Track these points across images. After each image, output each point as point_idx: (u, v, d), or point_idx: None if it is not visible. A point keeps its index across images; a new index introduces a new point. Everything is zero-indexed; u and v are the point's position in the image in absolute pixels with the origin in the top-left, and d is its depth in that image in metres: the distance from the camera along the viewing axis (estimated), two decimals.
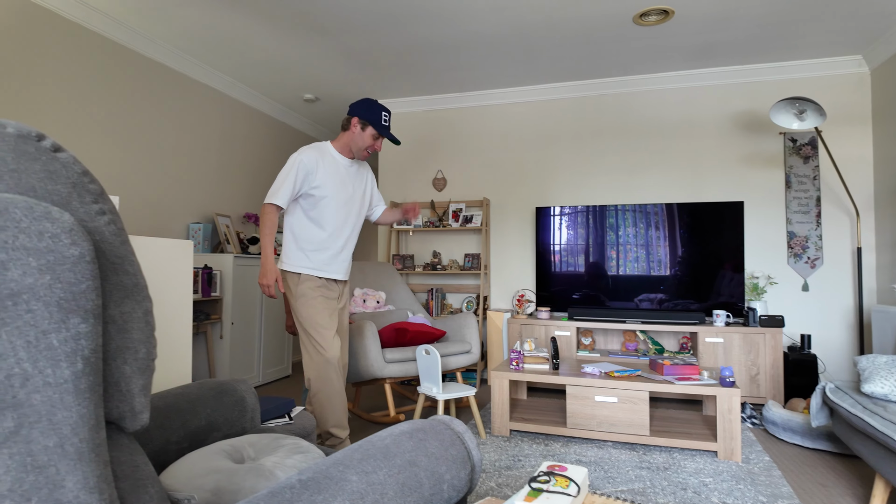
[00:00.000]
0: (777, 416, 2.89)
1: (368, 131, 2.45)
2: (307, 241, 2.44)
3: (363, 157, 2.54)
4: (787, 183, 3.92)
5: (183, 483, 1.03)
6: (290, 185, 2.34)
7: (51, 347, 0.56)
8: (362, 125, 2.45)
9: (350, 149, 2.50)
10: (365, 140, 2.46)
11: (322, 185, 2.40)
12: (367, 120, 2.44)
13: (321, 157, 2.42)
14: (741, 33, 3.48)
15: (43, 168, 0.61)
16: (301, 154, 2.38)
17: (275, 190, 2.35)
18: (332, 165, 2.45)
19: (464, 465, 1.02)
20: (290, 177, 2.35)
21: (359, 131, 2.45)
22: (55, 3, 3.04)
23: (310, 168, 2.38)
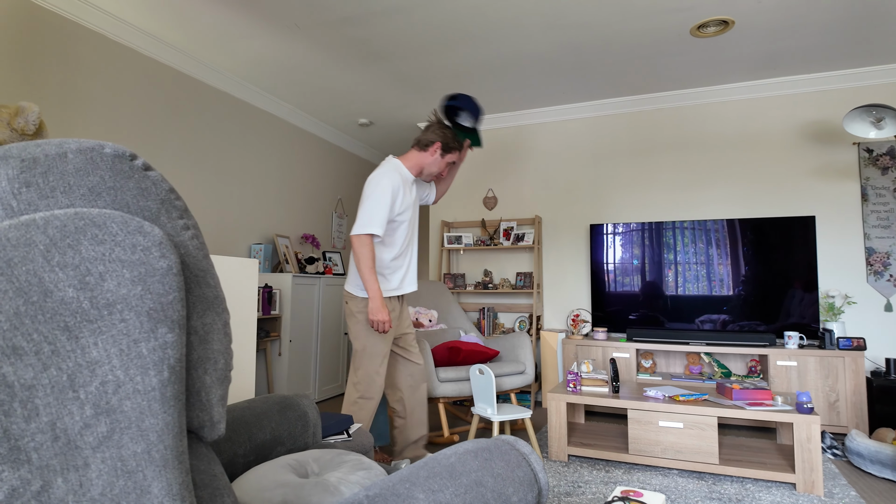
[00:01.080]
0: (863, 446, 2.66)
1: (447, 157, 2.46)
2: (385, 263, 2.42)
3: (428, 180, 2.54)
4: (864, 196, 3.68)
5: (251, 496, 1.05)
6: (384, 213, 2.30)
7: (140, 356, 0.58)
8: (442, 152, 2.44)
9: (421, 170, 2.48)
10: (440, 165, 2.46)
11: (403, 210, 2.40)
12: (447, 147, 2.43)
13: (402, 180, 2.40)
14: (807, 41, 3.33)
15: (136, 185, 0.65)
16: (389, 180, 2.33)
17: (368, 219, 2.28)
18: (407, 187, 2.43)
19: (531, 487, 0.98)
20: (385, 205, 2.30)
21: (437, 157, 2.44)
22: (135, 42, 3.28)
23: (396, 193, 2.35)
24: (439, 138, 2.42)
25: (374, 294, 2.26)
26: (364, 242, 2.26)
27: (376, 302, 2.26)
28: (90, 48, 3.06)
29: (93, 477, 0.56)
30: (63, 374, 0.55)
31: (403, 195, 2.39)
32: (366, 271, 2.25)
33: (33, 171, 0.59)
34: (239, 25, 3.21)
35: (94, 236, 0.56)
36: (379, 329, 2.29)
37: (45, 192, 0.59)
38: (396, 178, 2.36)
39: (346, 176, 5.55)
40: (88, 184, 0.61)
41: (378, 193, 2.30)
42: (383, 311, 2.28)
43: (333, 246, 5.25)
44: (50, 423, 0.54)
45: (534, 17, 3.10)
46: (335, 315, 4.59)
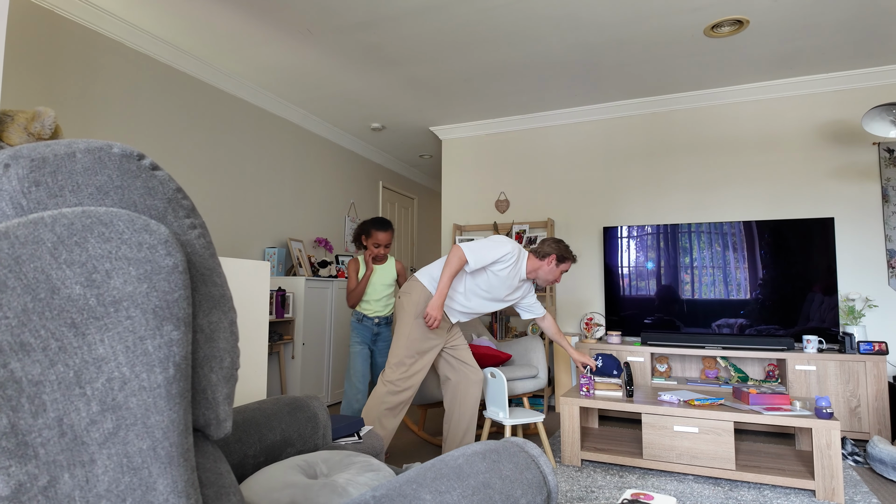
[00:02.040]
0: (885, 453, 2.60)
1: (560, 268, 2.71)
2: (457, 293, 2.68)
3: (542, 285, 2.78)
4: (885, 197, 3.60)
5: (260, 496, 1.05)
6: (488, 259, 2.54)
7: (146, 353, 0.58)
8: (557, 262, 2.70)
9: (536, 275, 2.73)
10: (554, 275, 2.71)
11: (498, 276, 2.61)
12: (562, 259, 2.70)
13: (515, 261, 2.62)
14: (825, 40, 3.28)
15: (143, 185, 0.65)
16: (512, 247, 2.59)
17: (476, 252, 2.54)
18: (514, 270, 2.65)
19: (540, 490, 0.97)
20: (494, 255, 2.54)
21: (553, 267, 2.70)
22: (152, 49, 3.33)
23: (507, 262, 2.58)
24: (554, 251, 2.69)
25: (441, 293, 2.50)
26: (459, 257, 2.52)
27: (439, 300, 2.50)
28: (108, 56, 3.12)
29: (99, 473, 0.56)
30: (70, 370, 0.55)
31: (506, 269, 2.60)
32: (445, 275, 2.51)
33: (42, 171, 0.60)
34: (253, 32, 3.25)
35: (101, 234, 0.57)
36: (428, 322, 2.48)
37: (53, 191, 0.60)
38: (517, 253, 2.62)
39: (358, 180, 5.58)
40: (96, 183, 0.62)
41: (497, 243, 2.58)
42: (440, 310, 2.50)
43: (346, 250, 5.28)
44: (57, 418, 0.55)
45: (546, 20, 3.09)
46: (347, 319, 4.61)
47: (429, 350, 2.60)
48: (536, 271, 2.72)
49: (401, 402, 2.55)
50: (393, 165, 6.24)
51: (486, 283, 2.64)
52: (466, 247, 2.56)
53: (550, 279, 2.72)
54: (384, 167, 6.10)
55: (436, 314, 2.48)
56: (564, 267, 2.74)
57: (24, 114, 1.21)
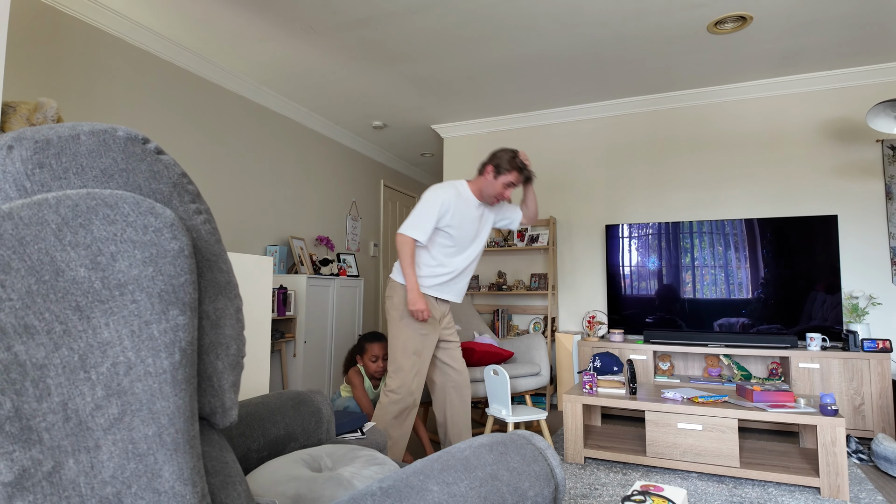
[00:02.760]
0: (890, 450, 2.59)
1: (501, 179, 2.47)
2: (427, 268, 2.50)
3: (492, 203, 2.56)
4: (888, 194, 3.59)
5: (265, 489, 1.04)
6: (431, 222, 2.39)
7: (152, 337, 0.57)
8: (495, 173, 2.47)
9: (481, 192, 2.54)
10: (496, 188, 2.48)
11: (453, 225, 2.45)
12: (500, 168, 2.46)
13: (457, 196, 2.47)
14: (829, 36, 3.27)
15: (148, 168, 0.64)
16: (443, 192, 2.43)
17: (414, 224, 2.40)
18: (464, 205, 2.49)
19: (547, 482, 0.96)
20: (433, 214, 2.39)
21: (491, 179, 2.48)
22: (154, 46, 3.32)
23: (448, 206, 2.42)
24: (491, 161, 2.48)
25: (411, 286, 2.36)
26: (405, 242, 2.39)
27: (413, 293, 2.35)
28: (110, 52, 3.12)
29: (104, 459, 0.55)
30: (75, 354, 0.54)
31: (455, 212, 2.44)
32: (405, 266, 2.37)
33: (46, 153, 0.59)
34: (254, 29, 3.24)
35: (106, 216, 0.56)
36: (418, 317, 2.36)
37: (57, 174, 0.59)
38: (450, 192, 2.45)
39: (360, 178, 5.57)
40: (101, 165, 0.61)
41: (427, 203, 2.41)
42: (420, 300, 2.35)
43: (348, 248, 5.27)
44: (61, 403, 0.54)
45: (549, 16, 3.08)
46: (349, 317, 4.60)
47: (424, 347, 2.49)
48: (480, 189, 2.53)
49: (404, 409, 2.45)
50: (394, 164, 6.23)
51: (449, 239, 2.48)
52: (405, 225, 2.42)
53: (493, 194, 2.49)
54: (386, 165, 6.09)
55: (420, 305, 2.35)
56: (507, 179, 2.46)
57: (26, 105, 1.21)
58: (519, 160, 2.48)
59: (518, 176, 2.48)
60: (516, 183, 2.49)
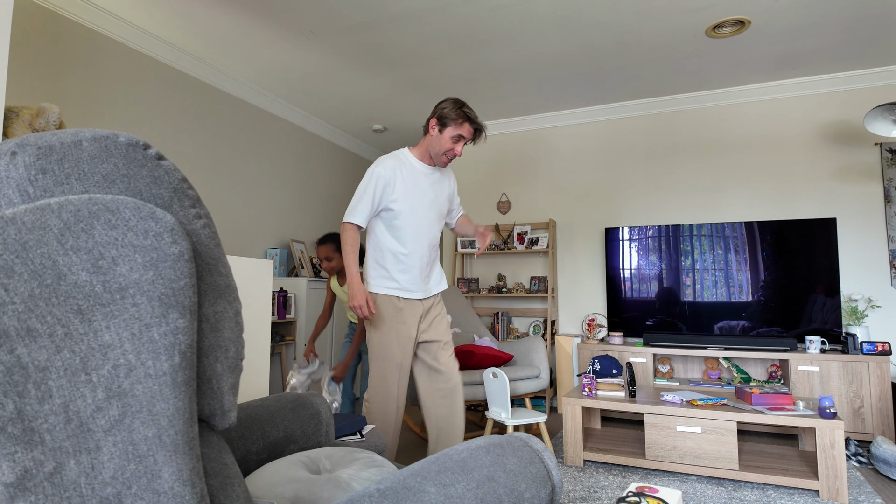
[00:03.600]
0: (889, 453, 2.59)
1: (447, 133, 2.13)
2: (389, 259, 2.20)
3: (443, 164, 2.22)
4: (887, 197, 3.60)
5: (264, 491, 1.05)
6: (368, 202, 2.13)
7: (152, 340, 0.58)
8: (440, 126, 2.14)
9: (428, 153, 2.22)
10: (443, 144, 2.15)
11: (400, 198, 2.16)
12: (445, 120, 2.12)
13: (399, 166, 2.17)
14: (827, 40, 3.28)
15: (149, 174, 0.66)
16: (377, 166, 2.15)
17: (352, 207, 2.15)
18: (409, 174, 2.19)
19: (544, 484, 0.97)
20: (368, 192, 2.13)
21: (436, 134, 2.15)
22: (155, 50, 3.34)
23: (388, 179, 2.14)
24: (433, 114, 2.16)
25: (351, 279, 2.10)
26: (345, 229, 2.15)
27: (352, 287, 2.08)
28: (112, 57, 3.13)
29: (104, 460, 0.56)
30: (76, 356, 0.55)
31: (403, 181, 2.16)
32: (345, 256, 2.12)
33: (49, 159, 0.60)
34: (255, 33, 3.26)
35: (108, 221, 0.57)
36: (358, 314, 2.08)
37: (60, 179, 0.60)
38: (389, 163, 2.16)
39: (359, 181, 5.59)
40: (102, 171, 0.62)
41: (363, 181, 2.16)
42: (359, 295, 2.07)
43: None
44: (63, 405, 0.54)
45: (548, 20, 3.10)
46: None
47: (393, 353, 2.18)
48: (427, 149, 2.21)
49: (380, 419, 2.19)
50: None
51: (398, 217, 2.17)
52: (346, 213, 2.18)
53: (441, 151, 2.16)
54: None
55: (357, 301, 2.06)
56: (454, 132, 2.12)
57: (28, 110, 1.22)
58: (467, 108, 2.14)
59: (468, 126, 2.15)
60: (466, 136, 2.15)
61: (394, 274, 2.20)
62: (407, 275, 2.21)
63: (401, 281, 2.21)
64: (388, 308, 2.20)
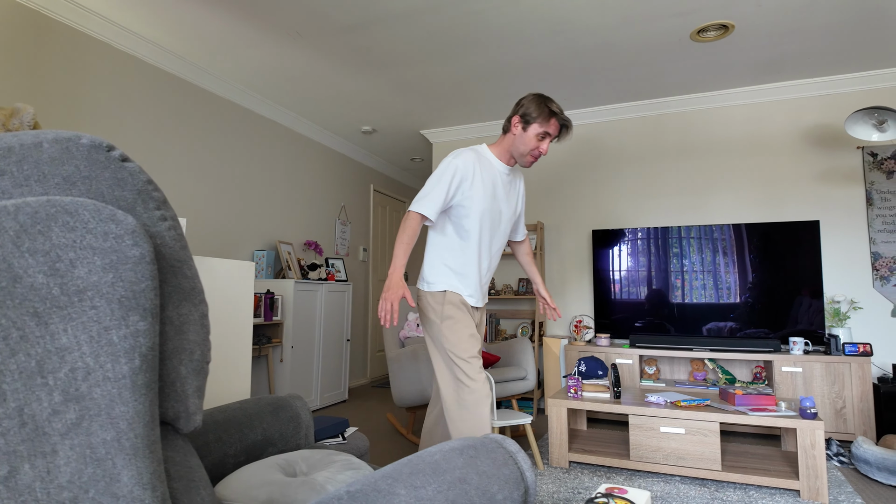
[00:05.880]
0: (870, 453, 2.62)
1: (531, 130, 1.96)
2: (454, 259, 2.02)
3: (528, 164, 2.05)
4: (869, 200, 3.64)
5: (238, 494, 1.05)
6: (441, 193, 1.92)
7: (111, 343, 0.58)
8: (524, 124, 1.97)
9: (510, 154, 2.04)
10: (528, 142, 1.98)
11: (476, 197, 1.98)
12: (528, 117, 1.96)
13: (478, 160, 2.00)
14: (810, 44, 3.32)
15: (112, 176, 0.65)
16: (457, 158, 1.96)
17: (423, 196, 1.92)
18: (488, 173, 2.02)
19: (517, 485, 0.97)
20: (444, 183, 1.92)
21: (520, 132, 1.98)
22: (140, 51, 3.32)
23: (466, 173, 1.96)
24: (516, 111, 1.99)
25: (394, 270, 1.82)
26: (409, 217, 1.91)
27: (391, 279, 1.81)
28: (96, 58, 3.11)
29: (61, 464, 0.55)
30: (32, 359, 0.55)
31: (475, 180, 1.97)
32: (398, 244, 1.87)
33: (7, 160, 0.60)
34: (241, 34, 3.24)
35: (66, 223, 0.57)
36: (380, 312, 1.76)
37: (19, 181, 0.60)
38: (469, 156, 1.98)
39: (349, 183, 5.58)
40: (63, 173, 0.62)
41: (439, 171, 1.95)
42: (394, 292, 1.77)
43: (336, 252, 5.27)
44: (17, 408, 0.54)
45: (536, 23, 3.11)
46: (338, 321, 4.59)
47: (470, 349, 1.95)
48: (508, 150, 2.04)
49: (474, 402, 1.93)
50: (384, 169, 6.24)
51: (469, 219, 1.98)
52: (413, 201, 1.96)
53: (525, 151, 1.99)
54: (375, 170, 6.10)
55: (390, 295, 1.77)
56: (539, 129, 1.95)
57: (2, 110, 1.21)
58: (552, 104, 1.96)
59: (555, 123, 1.97)
60: (552, 133, 1.98)
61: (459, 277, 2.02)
62: (468, 280, 2.03)
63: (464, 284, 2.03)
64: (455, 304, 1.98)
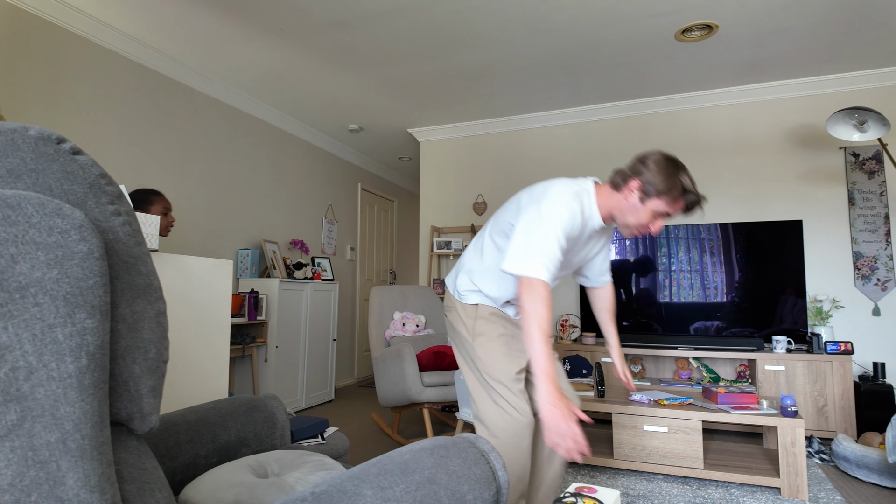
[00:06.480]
0: (849, 451, 2.64)
1: (651, 205, 1.55)
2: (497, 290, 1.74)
3: (627, 235, 1.68)
4: (851, 200, 3.68)
5: (205, 496, 1.03)
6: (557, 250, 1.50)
7: (56, 342, 0.56)
8: (642, 194, 1.56)
9: (611, 214, 1.65)
10: (640, 216, 1.58)
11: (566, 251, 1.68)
12: (651, 188, 1.54)
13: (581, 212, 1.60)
14: (793, 45, 3.34)
15: (61, 169, 0.63)
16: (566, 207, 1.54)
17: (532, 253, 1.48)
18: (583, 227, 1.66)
19: (488, 485, 0.96)
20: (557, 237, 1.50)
21: (635, 201, 1.57)
22: (121, 46, 3.27)
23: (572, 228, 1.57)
24: (638, 173, 1.56)
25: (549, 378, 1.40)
26: (534, 289, 1.45)
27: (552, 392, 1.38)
28: (76, 53, 3.06)
29: (1, 467, 0.54)
30: None
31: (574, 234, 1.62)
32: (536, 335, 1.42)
33: None
34: (225, 30, 3.21)
35: (7, 217, 0.55)
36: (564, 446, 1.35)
37: None
38: (576, 207, 1.57)
39: (336, 182, 5.54)
40: (7, 165, 0.60)
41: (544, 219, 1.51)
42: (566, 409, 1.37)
43: (323, 251, 5.23)
44: None
45: (519, 23, 3.11)
46: (324, 321, 4.56)
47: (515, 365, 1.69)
48: (609, 210, 1.63)
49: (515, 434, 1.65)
50: (372, 167, 6.21)
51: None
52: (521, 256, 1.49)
53: (634, 224, 1.59)
54: (363, 169, 6.07)
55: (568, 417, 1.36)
56: (661, 207, 1.54)
57: None
58: (684, 177, 1.55)
59: (682, 204, 1.57)
60: (673, 214, 1.59)
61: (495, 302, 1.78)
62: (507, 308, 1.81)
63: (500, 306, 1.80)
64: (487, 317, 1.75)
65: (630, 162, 1.61)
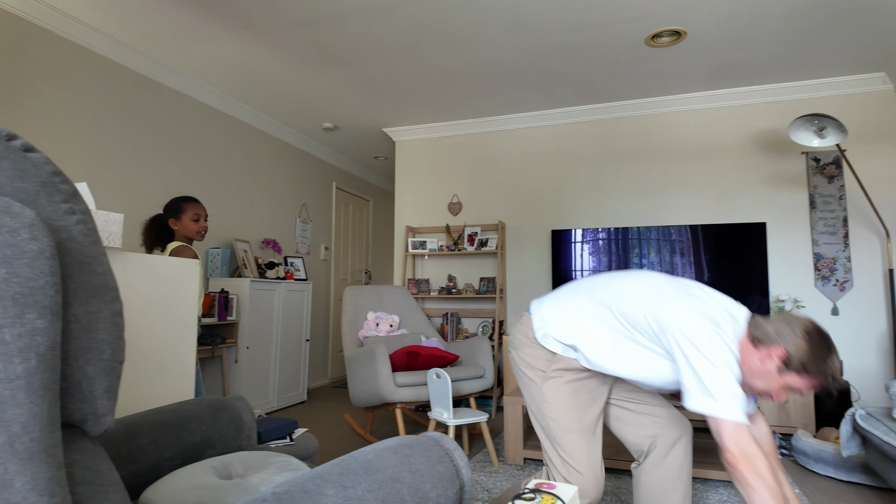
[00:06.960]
0: (808, 445, 2.73)
1: (788, 378, 1.38)
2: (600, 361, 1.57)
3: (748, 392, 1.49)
4: (812, 203, 3.81)
5: (166, 498, 1.01)
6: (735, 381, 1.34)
7: (4, 342, 0.55)
8: (783, 364, 1.37)
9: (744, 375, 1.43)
10: (770, 384, 1.41)
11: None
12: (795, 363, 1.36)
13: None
14: (759, 52, 3.44)
15: (12, 166, 0.62)
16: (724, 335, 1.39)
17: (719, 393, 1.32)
18: None
19: (451, 483, 0.97)
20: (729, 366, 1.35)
21: (771, 369, 1.39)
22: (87, 40, 3.19)
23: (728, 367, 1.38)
24: (788, 343, 1.37)
25: None
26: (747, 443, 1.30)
27: None
28: (39, 46, 2.97)
29: None
30: None
31: None
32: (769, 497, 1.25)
33: None
34: (195, 25, 3.15)
35: None
36: None
37: None
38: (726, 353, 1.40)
39: (310, 180, 5.49)
40: None
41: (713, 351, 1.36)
42: None
43: (297, 251, 5.18)
44: None
45: (494, 25, 3.13)
46: (296, 321, 4.52)
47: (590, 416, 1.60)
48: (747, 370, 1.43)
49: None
50: (347, 166, 6.17)
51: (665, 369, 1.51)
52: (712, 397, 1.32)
53: (760, 389, 1.42)
54: (338, 168, 6.03)
55: None
56: (798, 383, 1.38)
57: None
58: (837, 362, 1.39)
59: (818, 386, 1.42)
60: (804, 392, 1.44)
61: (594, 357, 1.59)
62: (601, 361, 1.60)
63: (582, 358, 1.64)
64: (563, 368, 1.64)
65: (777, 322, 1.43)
